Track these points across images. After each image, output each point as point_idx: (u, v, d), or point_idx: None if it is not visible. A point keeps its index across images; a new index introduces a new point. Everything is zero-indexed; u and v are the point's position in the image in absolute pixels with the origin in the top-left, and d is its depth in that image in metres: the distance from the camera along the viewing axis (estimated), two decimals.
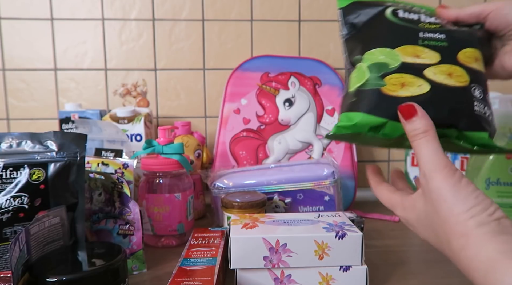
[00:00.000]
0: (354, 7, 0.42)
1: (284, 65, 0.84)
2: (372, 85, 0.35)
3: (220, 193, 0.64)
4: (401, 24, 0.39)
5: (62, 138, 0.45)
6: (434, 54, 0.37)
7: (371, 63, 0.37)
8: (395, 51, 0.37)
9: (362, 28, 0.41)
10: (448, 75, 0.35)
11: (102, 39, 0.88)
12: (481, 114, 0.35)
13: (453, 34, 0.39)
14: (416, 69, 0.35)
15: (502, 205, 0.64)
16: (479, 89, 0.36)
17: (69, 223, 0.44)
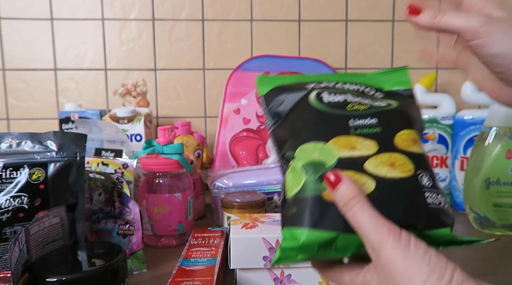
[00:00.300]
0: (276, 93, 0.39)
1: (284, 65, 0.84)
2: (312, 191, 0.31)
3: (220, 193, 0.64)
4: (329, 111, 0.36)
5: (62, 138, 0.45)
6: (370, 143, 0.34)
7: (306, 163, 0.33)
8: (328, 145, 0.34)
9: (287, 117, 0.37)
10: (390, 166, 0.32)
11: (102, 39, 0.88)
12: (436, 207, 0.32)
13: (384, 116, 0.36)
14: (355, 164, 0.32)
15: (502, 205, 0.64)
16: (426, 175, 0.33)
17: (69, 223, 0.44)
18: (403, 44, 0.92)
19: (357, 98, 0.38)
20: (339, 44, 0.91)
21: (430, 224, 0.31)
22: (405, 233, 0.28)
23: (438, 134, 0.80)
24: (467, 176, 0.68)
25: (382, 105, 0.38)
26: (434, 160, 0.81)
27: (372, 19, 0.91)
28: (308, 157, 0.33)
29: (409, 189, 0.32)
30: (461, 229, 0.68)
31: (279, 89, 0.40)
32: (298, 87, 0.39)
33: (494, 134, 0.65)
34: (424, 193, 0.32)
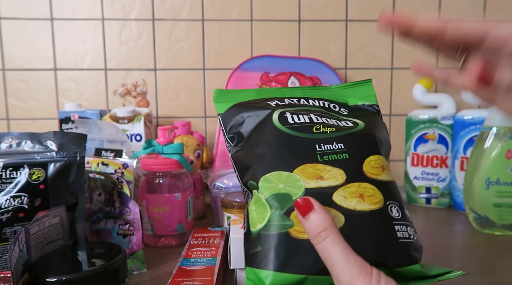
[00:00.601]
0: (236, 112, 0.36)
1: (284, 65, 0.84)
2: (278, 228, 0.29)
3: (220, 193, 0.64)
4: (294, 134, 0.33)
5: (62, 138, 0.45)
6: (338, 171, 0.31)
7: (271, 195, 0.30)
8: (295, 174, 0.31)
9: (249, 140, 0.34)
10: (359, 197, 0.30)
11: (102, 39, 0.88)
12: (406, 241, 0.31)
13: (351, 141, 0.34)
14: (323, 195, 0.30)
15: (502, 205, 0.64)
16: (395, 206, 0.32)
17: (69, 223, 0.44)
18: (403, 44, 0.92)
19: (322, 119, 0.35)
20: (339, 44, 0.91)
21: (400, 261, 0.30)
22: (375, 272, 0.27)
23: (438, 134, 0.80)
24: (467, 176, 0.68)
25: (348, 126, 0.35)
26: (434, 160, 0.81)
27: (372, 19, 0.91)
28: (273, 188, 0.31)
29: (379, 223, 0.30)
30: (461, 229, 0.68)
31: (238, 107, 0.37)
32: (260, 105, 0.36)
33: (494, 134, 0.65)
34: (394, 227, 0.31)
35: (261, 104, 0.37)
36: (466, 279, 0.50)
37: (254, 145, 0.34)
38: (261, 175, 0.32)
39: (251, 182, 0.33)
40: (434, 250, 0.59)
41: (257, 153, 0.34)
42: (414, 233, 0.32)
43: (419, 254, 0.32)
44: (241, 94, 0.38)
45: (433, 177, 0.82)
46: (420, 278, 0.31)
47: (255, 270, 0.29)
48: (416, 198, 0.83)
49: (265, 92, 0.39)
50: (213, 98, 0.38)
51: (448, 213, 0.78)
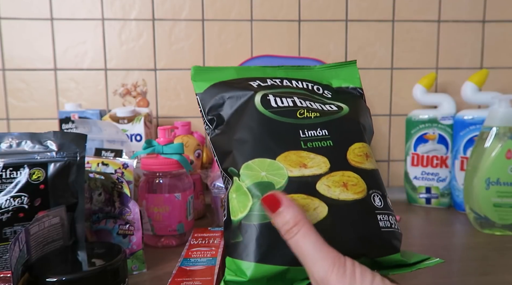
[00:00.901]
0: (215, 92, 0.34)
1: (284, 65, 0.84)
2: (260, 218, 0.28)
3: (220, 193, 0.64)
4: (277, 119, 0.32)
5: (62, 138, 0.45)
6: (322, 159, 0.31)
7: (253, 183, 0.29)
8: (277, 162, 0.30)
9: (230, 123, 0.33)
10: (343, 186, 0.30)
11: (102, 39, 0.88)
12: (388, 230, 0.31)
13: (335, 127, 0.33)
14: (307, 184, 0.29)
15: (502, 205, 0.64)
16: (378, 195, 0.31)
17: (69, 223, 0.44)
18: (403, 44, 0.92)
19: (306, 102, 0.34)
20: (339, 44, 0.91)
21: (382, 251, 0.30)
22: (349, 263, 0.26)
23: (438, 134, 0.80)
24: (467, 176, 0.68)
25: (332, 110, 0.34)
26: (434, 160, 0.81)
27: (372, 19, 0.91)
28: (255, 176, 0.30)
29: (362, 212, 0.30)
30: (461, 229, 0.68)
31: (218, 87, 0.35)
32: (241, 86, 0.34)
33: (494, 134, 0.65)
34: (376, 216, 0.30)
35: (242, 85, 0.35)
36: (466, 279, 0.50)
37: (235, 129, 0.33)
38: (242, 161, 0.31)
39: (232, 168, 0.31)
40: (434, 250, 0.59)
41: (238, 138, 0.32)
42: (395, 222, 0.32)
43: (399, 243, 0.32)
44: (221, 73, 0.36)
45: (433, 177, 0.82)
46: (400, 266, 0.31)
47: (236, 261, 0.28)
48: (416, 198, 0.83)
49: (246, 71, 0.37)
50: (191, 76, 0.36)
51: (448, 213, 0.78)
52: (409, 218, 0.75)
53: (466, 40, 0.92)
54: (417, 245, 0.61)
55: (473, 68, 0.93)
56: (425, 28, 0.92)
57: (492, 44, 0.93)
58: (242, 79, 0.36)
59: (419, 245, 0.61)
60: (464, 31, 0.92)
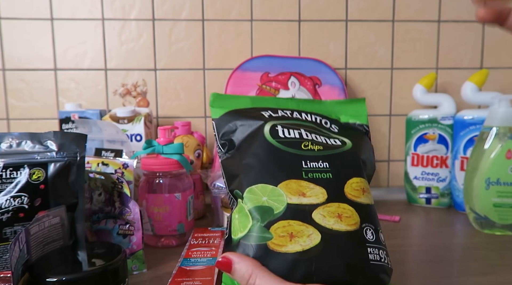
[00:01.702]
0: (229, 119, 0.37)
1: (284, 65, 0.84)
2: (257, 239, 0.30)
3: (220, 193, 0.64)
4: (283, 149, 0.35)
5: (62, 138, 0.45)
6: (320, 190, 0.33)
7: (254, 207, 0.32)
8: (279, 189, 0.32)
9: (240, 148, 0.36)
10: (337, 217, 0.32)
11: (102, 39, 0.88)
12: (376, 263, 0.32)
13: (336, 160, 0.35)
14: (303, 212, 0.31)
15: (502, 205, 0.64)
16: (370, 229, 0.33)
17: (69, 223, 0.44)
18: (403, 44, 0.92)
19: (312, 135, 0.37)
20: (339, 44, 0.91)
21: (369, 281, 0.31)
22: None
23: (438, 134, 0.80)
24: (467, 176, 0.68)
25: (336, 144, 0.37)
26: (434, 160, 0.81)
27: (372, 19, 0.91)
28: (257, 200, 0.32)
29: (354, 244, 0.31)
30: (461, 229, 0.68)
31: (233, 114, 0.38)
32: (253, 115, 0.37)
33: (494, 134, 0.65)
34: (367, 250, 0.32)
35: (254, 114, 0.37)
36: (466, 279, 0.50)
37: (243, 155, 0.35)
38: (247, 185, 0.33)
39: (237, 191, 0.34)
40: (434, 250, 0.59)
41: (246, 163, 0.35)
42: (386, 257, 0.33)
43: (388, 277, 0.32)
44: (237, 101, 0.39)
45: (433, 177, 0.82)
46: None
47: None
48: (416, 198, 0.83)
49: (260, 101, 0.40)
50: (209, 102, 0.39)
51: (448, 213, 0.78)
52: (409, 218, 0.75)
53: (466, 40, 0.92)
54: (417, 245, 0.61)
55: (473, 68, 0.93)
56: (425, 28, 0.92)
57: (492, 44, 0.93)
58: (255, 109, 0.38)
59: (419, 245, 0.61)
60: (464, 31, 0.92)
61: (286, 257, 0.29)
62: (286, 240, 0.30)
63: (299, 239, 0.30)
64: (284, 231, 0.31)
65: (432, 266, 0.53)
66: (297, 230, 0.31)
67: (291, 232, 0.31)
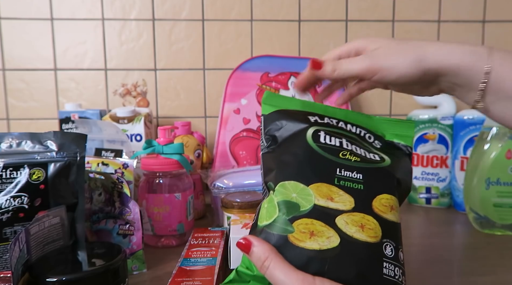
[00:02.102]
0: (277, 117, 0.39)
1: (284, 65, 0.84)
2: (280, 230, 0.32)
3: (220, 193, 0.64)
4: (320, 153, 0.36)
5: (62, 138, 0.45)
6: (348, 198, 0.34)
7: (282, 200, 0.33)
8: (309, 189, 0.34)
9: (281, 145, 0.37)
10: (360, 227, 0.33)
11: (102, 39, 0.88)
12: (389, 278, 0.32)
13: (371, 174, 0.36)
14: (328, 215, 0.33)
15: (502, 205, 0.64)
16: (390, 245, 0.33)
17: (69, 223, 0.44)
18: None
19: (352, 146, 0.38)
20: (339, 44, 0.91)
21: None
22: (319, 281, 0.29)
23: (438, 134, 0.80)
24: (467, 176, 0.68)
25: (374, 159, 0.37)
26: (434, 160, 0.81)
27: (372, 19, 0.91)
28: (287, 195, 0.34)
29: (370, 255, 0.32)
30: (461, 229, 0.68)
31: (281, 114, 0.40)
32: (300, 118, 0.39)
33: (494, 134, 0.65)
34: (383, 263, 0.32)
35: (301, 117, 0.39)
36: (466, 279, 0.50)
37: (283, 152, 0.37)
38: (280, 180, 0.35)
39: (270, 183, 0.36)
40: (434, 250, 0.59)
41: (283, 159, 0.36)
42: (401, 275, 0.33)
43: None
44: (288, 102, 0.41)
45: (433, 177, 0.82)
46: None
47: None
48: (416, 198, 0.83)
49: (310, 106, 0.41)
50: (262, 99, 0.41)
51: (448, 213, 0.78)
52: (409, 218, 0.75)
53: (466, 40, 0.92)
54: (417, 245, 0.61)
55: None
56: (425, 28, 0.92)
57: (492, 44, 0.93)
58: (304, 112, 0.40)
59: (419, 245, 0.61)
60: (464, 31, 0.92)
61: (303, 251, 0.31)
62: (306, 237, 0.31)
63: (318, 239, 0.31)
64: (306, 228, 0.32)
65: (432, 266, 0.53)
66: (318, 229, 0.32)
67: (312, 231, 0.32)
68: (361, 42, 0.41)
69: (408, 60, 0.37)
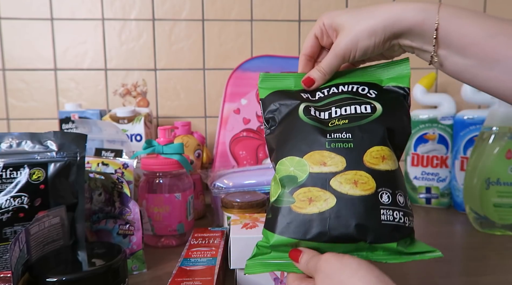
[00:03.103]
0: (273, 99, 0.42)
1: (284, 65, 0.84)
2: (283, 203, 0.36)
3: (220, 193, 0.64)
4: (311, 124, 0.39)
5: (62, 138, 0.45)
6: (340, 159, 0.36)
7: (283, 176, 0.37)
8: (304, 160, 0.37)
9: (280, 124, 0.41)
10: (353, 183, 0.35)
11: (102, 39, 0.88)
12: (388, 223, 0.35)
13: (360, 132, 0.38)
14: (322, 180, 0.36)
15: (502, 205, 0.64)
16: (387, 193, 0.36)
17: (69, 223, 0.44)
18: None
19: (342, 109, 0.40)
20: None
21: (379, 238, 0.34)
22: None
23: (438, 134, 0.80)
24: (467, 176, 0.68)
25: (364, 113, 0.39)
26: (434, 160, 0.81)
27: None
28: (286, 171, 0.37)
29: (366, 206, 0.35)
30: (461, 229, 0.68)
31: (276, 95, 0.42)
32: (293, 96, 0.42)
33: (494, 134, 0.65)
34: (380, 211, 0.35)
35: (294, 95, 0.42)
36: (466, 279, 0.50)
37: (280, 131, 0.40)
38: (280, 158, 0.38)
39: (273, 162, 0.39)
40: None
41: (280, 138, 0.39)
42: (402, 217, 0.36)
43: (401, 235, 0.35)
44: (281, 81, 0.44)
45: (433, 177, 0.82)
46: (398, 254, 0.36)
47: (266, 231, 0.36)
48: (416, 198, 0.83)
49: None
50: (258, 82, 0.44)
51: (448, 213, 0.78)
52: None
53: None
54: None
55: None
56: None
57: None
58: (297, 91, 0.43)
59: None
60: None
61: (305, 217, 0.35)
62: (305, 204, 0.35)
63: (316, 203, 0.35)
64: (305, 196, 0.35)
65: (432, 266, 0.53)
66: (315, 195, 0.35)
67: (310, 197, 0.35)
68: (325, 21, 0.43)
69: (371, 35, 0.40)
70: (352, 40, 0.40)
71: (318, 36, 0.44)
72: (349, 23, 0.41)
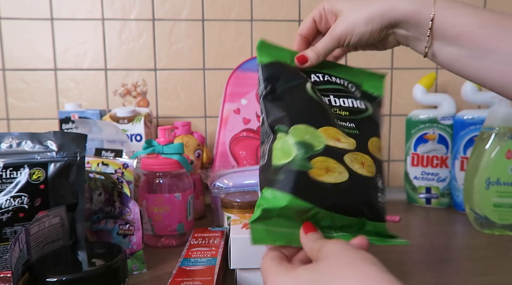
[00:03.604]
0: (277, 68, 0.43)
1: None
2: (300, 167, 0.36)
3: (220, 193, 0.64)
4: (321, 104, 0.40)
5: (62, 138, 0.45)
6: (351, 140, 0.39)
7: (298, 141, 0.37)
8: (319, 132, 0.38)
9: (284, 94, 0.41)
10: (361, 164, 0.38)
11: (102, 39, 0.88)
12: (382, 205, 0.39)
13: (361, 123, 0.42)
14: (337, 154, 0.38)
15: (502, 205, 0.65)
16: (381, 179, 0.40)
17: (69, 223, 0.44)
18: None
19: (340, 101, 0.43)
20: None
21: (376, 217, 0.39)
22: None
23: (438, 134, 0.80)
24: (467, 176, 0.68)
25: (361, 108, 0.43)
26: (434, 160, 0.81)
27: None
28: (301, 136, 0.37)
29: (370, 187, 0.38)
30: (461, 229, 0.68)
31: (279, 66, 0.43)
32: (296, 71, 0.43)
33: (494, 134, 0.65)
34: (378, 193, 0.39)
35: (297, 72, 0.43)
36: (466, 279, 0.50)
37: (287, 100, 0.40)
38: (292, 123, 0.38)
39: (280, 126, 0.38)
40: (434, 250, 0.59)
41: (291, 106, 0.39)
42: (385, 203, 0.41)
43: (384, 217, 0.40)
44: (279, 53, 0.44)
45: (433, 177, 0.82)
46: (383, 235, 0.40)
47: (275, 191, 0.35)
48: (416, 198, 0.83)
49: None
50: (257, 46, 0.45)
51: (448, 213, 0.78)
52: (409, 218, 0.75)
53: None
54: (417, 244, 0.61)
55: None
56: None
57: None
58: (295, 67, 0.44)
59: (419, 245, 0.61)
60: None
61: (322, 185, 0.35)
62: (323, 172, 0.36)
63: (332, 174, 0.36)
64: (322, 165, 0.36)
65: (432, 266, 0.53)
66: (332, 166, 0.37)
67: (327, 167, 0.36)
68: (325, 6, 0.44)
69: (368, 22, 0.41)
70: (349, 25, 0.41)
71: (317, 20, 0.45)
72: (348, 9, 0.42)
